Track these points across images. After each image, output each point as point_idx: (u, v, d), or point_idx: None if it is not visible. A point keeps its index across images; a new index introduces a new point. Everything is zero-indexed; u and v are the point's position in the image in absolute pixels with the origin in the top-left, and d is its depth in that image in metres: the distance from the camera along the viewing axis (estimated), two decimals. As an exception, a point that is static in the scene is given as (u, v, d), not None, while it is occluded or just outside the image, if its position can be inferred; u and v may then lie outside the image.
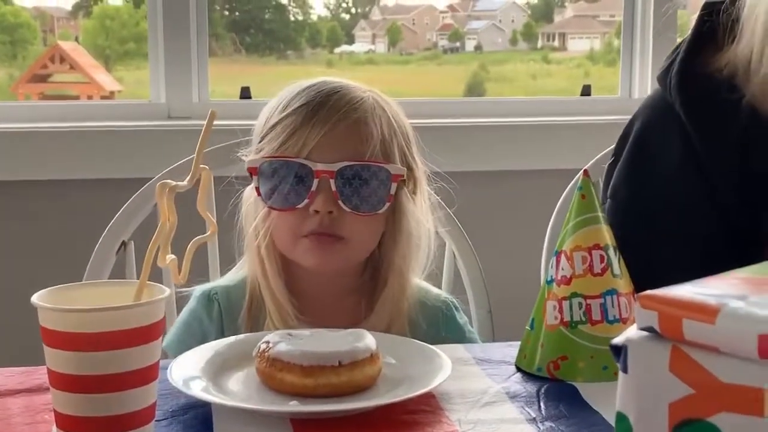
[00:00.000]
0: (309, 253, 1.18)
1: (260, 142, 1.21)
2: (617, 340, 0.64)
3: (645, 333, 0.62)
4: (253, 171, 1.19)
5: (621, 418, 0.63)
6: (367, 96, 1.21)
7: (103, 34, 2.50)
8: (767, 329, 0.56)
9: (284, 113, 1.19)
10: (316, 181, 1.15)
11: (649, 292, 0.62)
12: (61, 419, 0.75)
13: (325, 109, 1.17)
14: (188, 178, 0.80)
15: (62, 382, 0.74)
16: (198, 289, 1.24)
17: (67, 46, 2.46)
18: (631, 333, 0.63)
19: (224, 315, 1.23)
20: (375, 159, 1.17)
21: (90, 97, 2.44)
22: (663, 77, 1.25)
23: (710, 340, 0.59)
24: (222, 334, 1.21)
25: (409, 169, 1.23)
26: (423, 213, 1.26)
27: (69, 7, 2.55)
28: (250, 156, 1.22)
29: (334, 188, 1.15)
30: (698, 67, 1.22)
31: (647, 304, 0.62)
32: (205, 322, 1.22)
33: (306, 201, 1.16)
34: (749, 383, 0.58)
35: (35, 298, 0.75)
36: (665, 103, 1.24)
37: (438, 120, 2.15)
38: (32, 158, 1.98)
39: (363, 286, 1.25)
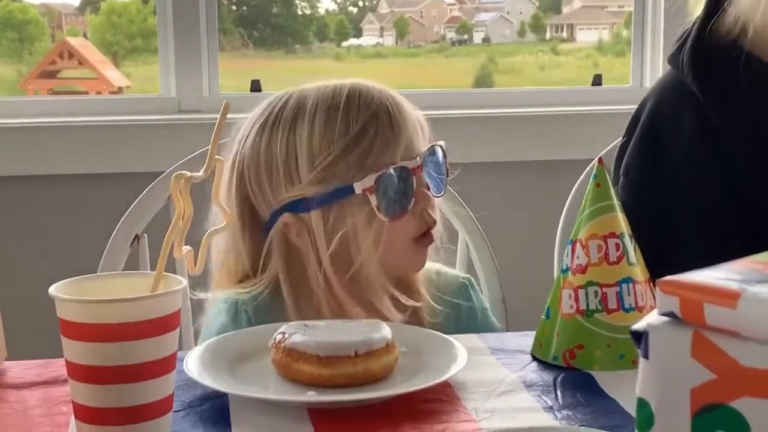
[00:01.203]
0: (419, 257, 1.21)
1: (331, 168, 1.16)
2: (638, 326, 0.64)
3: (666, 318, 0.62)
4: (371, 190, 1.15)
5: (642, 404, 0.63)
6: (385, 89, 1.22)
7: (111, 30, 2.51)
8: (789, 313, 0.56)
9: (353, 132, 1.16)
10: (414, 180, 1.16)
11: (669, 277, 0.62)
12: (79, 410, 0.75)
13: (392, 115, 1.17)
14: (203, 168, 0.80)
15: (80, 373, 0.74)
16: (221, 300, 1.20)
17: (76, 42, 2.47)
18: (652, 319, 0.63)
19: (254, 324, 1.17)
20: (425, 139, 1.21)
21: (99, 93, 2.44)
22: (675, 57, 1.27)
23: (732, 324, 0.59)
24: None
25: None
26: None
27: (77, 3, 2.56)
28: (315, 187, 1.16)
29: (426, 179, 1.18)
30: (710, 41, 1.24)
31: (668, 290, 0.61)
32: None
33: (413, 201, 1.17)
34: (771, 367, 0.58)
35: (53, 290, 0.75)
36: (677, 81, 1.26)
37: (447, 111, 2.15)
38: (45, 153, 1.99)
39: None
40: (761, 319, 0.57)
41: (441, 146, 1.22)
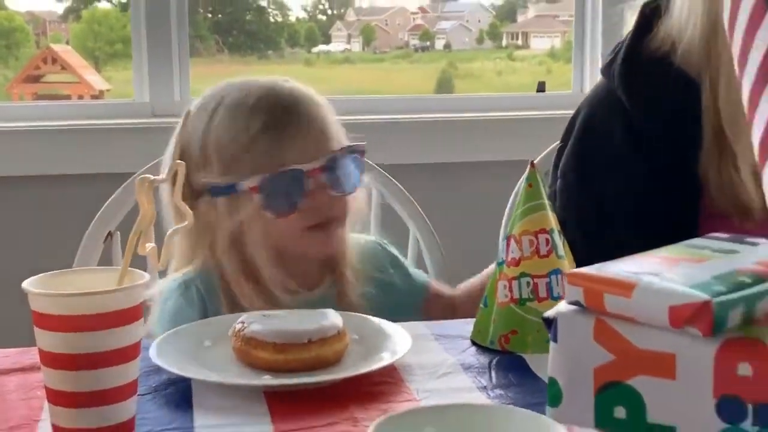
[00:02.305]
0: (316, 244, 1.24)
1: (234, 163, 1.22)
2: (549, 313, 0.68)
3: (573, 307, 0.67)
4: (254, 190, 1.20)
5: (552, 382, 0.67)
6: (295, 86, 1.26)
7: (92, 36, 2.52)
8: (677, 301, 0.61)
9: (253, 131, 1.21)
10: (310, 181, 1.20)
11: (575, 270, 0.67)
12: (52, 394, 0.78)
13: (282, 112, 1.22)
14: (165, 172, 0.83)
15: (52, 360, 0.77)
16: (172, 280, 1.25)
17: (59, 48, 2.48)
18: (560, 307, 0.68)
19: (207, 298, 1.24)
20: (338, 143, 1.24)
21: (81, 97, 2.45)
22: (607, 68, 1.30)
23: (628, 311, 0.63)
24: (205, 316, 1.23)
25: None
26: None
27: (60, 12, 2.57)
28: (220, 178, 1.21)
29: (324, 180, 1.20)
30: (640, 56, 1.26)
31: (574, 281, 0.66)
32: (187, 311, 1.23)
33: (303, 200, 1.20)
34: (662, 349, 0.62)
35: (26, 284, 0.77)
36: (608, 91, 1.29)
37: (410, 115, 2.18)
38: (26, 155, 2.00)
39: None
40: (653, 307, 0.62)
41: (354, 147, 1.24)
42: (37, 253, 1.94)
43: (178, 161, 0.84)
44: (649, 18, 1.27)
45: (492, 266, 1.21)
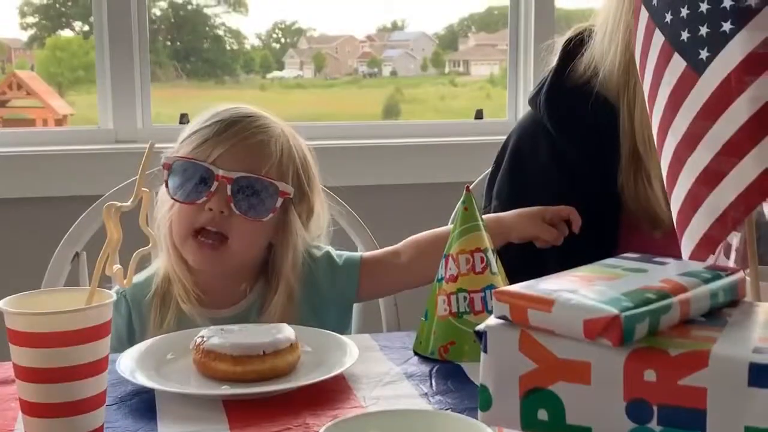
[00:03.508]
0: (195, 253, 1.24)
1: (179, 143, 1.29)
2: (480, 327, 0.72)
3: (500, 321, 0.71)
4: (166, 166, 1.26)
5: (483, 389, 0.71)
6: (277, 126, 1.29)
7: (56, 62, 2.51)
8: (590, 315, 0.65)
9: (203, 125, 1.27)
10: (216, 183, 1.22)
11: (502, 288, 0.71)
12: (26, 406, 0.80)
13: (237, 127, 1.25)
14: (131, 199, 0.86)
15: (26, 374, 0.79)
16: None
17: (24, 74, 2.47)
18: (489, 321, 0.72)
19: (132, 308, 1.29)
20: (268, 175, 1.25)
21: (45, 121, 2.44)
22: (533, 99, 1.36)
23: (549, 325, 0.67)
24: (130, 325, 1.28)
25: (303, 194, 1.30)
26: (314, 233, 1.34)
27: (25, 39, 2.56)
28: (166, 153, 1.28)
29: (229, 192, 1.22)
30: (563, 84, 1.32)
31: (501, 298, 0.70)
32: (117, 318, 1.27)
33: (204, 198, 1.22)
34: (579, 358, 0.66)
35: (2, 304, 0.79)
36: (534, 120, 1.35)
37: (357, 141, 2.23)
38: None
39: (250, 281, 1.31)
40: (570, 321, 0.66)
41: (262, 180, 1.23)
42: (4, 274, 1.94)
43: (144, 189, 0.87)
44: (572, 52, 1.33)
45: (443, 228, 1.26)
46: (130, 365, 0.99)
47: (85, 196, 1.57)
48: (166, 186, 1.25)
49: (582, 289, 0.68)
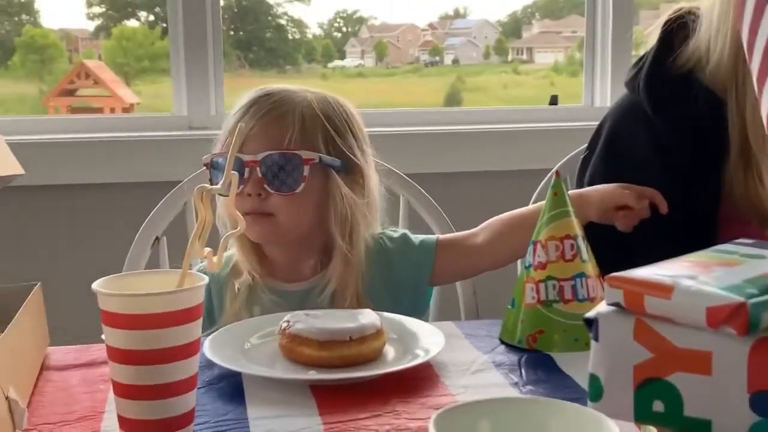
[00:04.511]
0: (251, 227, 1.24)
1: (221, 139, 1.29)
2: (590, 314, 0.69)
3: (613, 308, 0.67)
4: (207, 165, 1.26)
5: (593, 379, 0.68)
6: (298, 95, 1.26)
7: (122, 52, 2.53)
8: (714, 303, 0.61)
9: (230, 117, 1.28)
10: (246, 170, 1.22)
11: (615, 273, 0.67)
12: (119, 388, 0.79)
13: (253, 109, 1.25)
14: (221, 182, 0.84)
15: (119, 355, 0.78)
16: None
17: (91, 63, 2.48)
18: (601, 308, 0.68)
19: (212, 286, 1.28)
20: (289, 147, 1.22)
21: (113, 110, 2.46)
22: (631, 82, 1.30)
23: (667, 312, 0.64)
24: (210, 302, 1.28)
25: (343, 156, 1.26)
26: (372, 198, 1.30)
27: (91, 29, 2.58)
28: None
29: (260, 174, 1.22)
30: (664, 70, 1.26)
31: (614, 284, 0.67)
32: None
33: (241, 186, 1.22)
34: (699, 347, 0.63)
35: (96, 285, 0.78)
36: (633, 104, 1.29)
37: (420, 127, 2.19)
38: (75, 164, 2.00)
39: (318, 256, 1.30)
40: (691, 308, 0.63)
41: (285, 154, 1.22)
42: (88, 256, 1.95)
43: (233, 172, 0.85)
44: (673, 34, 1.27)
45: (522, 209, 1.23)
46: (216, 348, 0.97)
47: (161, 182, 1.57)
48: (211, 183, 1.25)
49: (701, 276, 0.65)
